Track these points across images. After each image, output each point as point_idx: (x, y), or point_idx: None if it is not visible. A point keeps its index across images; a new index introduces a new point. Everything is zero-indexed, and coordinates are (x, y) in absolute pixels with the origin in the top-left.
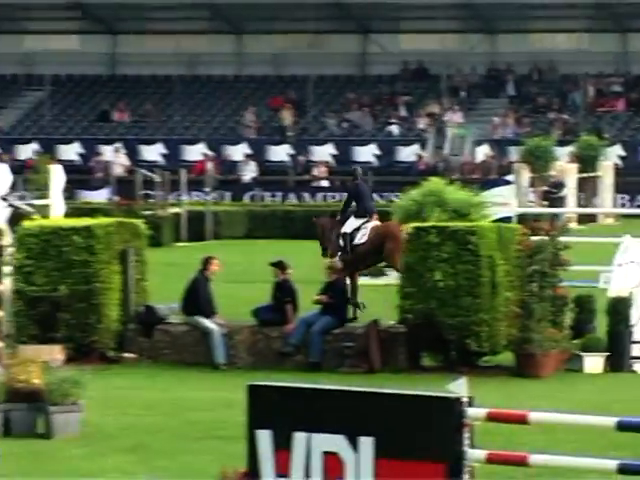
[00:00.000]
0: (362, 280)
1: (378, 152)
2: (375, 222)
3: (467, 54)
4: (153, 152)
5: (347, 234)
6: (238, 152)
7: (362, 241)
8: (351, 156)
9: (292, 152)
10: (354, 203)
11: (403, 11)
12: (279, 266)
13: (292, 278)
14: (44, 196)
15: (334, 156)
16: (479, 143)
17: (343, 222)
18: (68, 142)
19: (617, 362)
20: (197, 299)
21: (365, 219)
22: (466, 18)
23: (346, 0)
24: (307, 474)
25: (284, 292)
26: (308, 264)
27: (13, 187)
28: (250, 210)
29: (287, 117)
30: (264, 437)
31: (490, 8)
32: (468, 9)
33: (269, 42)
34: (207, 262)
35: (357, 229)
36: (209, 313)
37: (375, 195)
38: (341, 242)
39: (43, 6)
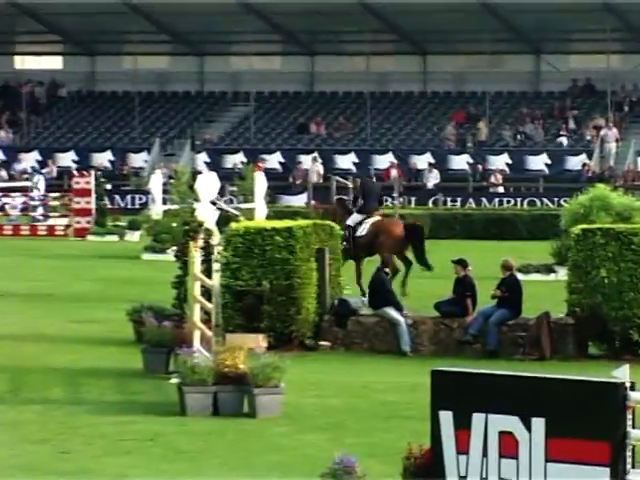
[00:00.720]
0: (533, 276)
1: (549, 161)
2: (376, 218)
3: (631, 72)
4: (346, 161)
5: (350, 227)
6: (422, 161)
7: (362, 234)
8: (524, 165)
9: (471, 161)
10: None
11: (572, 34)
12: (460, 263)
13: (472, 274)
14: (249, 201)
15: (508, 165)
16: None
17: (349, 215)
18: (271, 152)
19: None
20: (384, 293)
21: (367, 215)
22: (629, 40)
23: (520, 24)
24: (485, 452)
25: (465, 287)
26: (486, 262)
27: (221, 193)
28: (433, 213)
29: (483, 129)
30: (446, 417)
31: None
32: (632, 32)
33: (451, 62)
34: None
35: (359, 223)
36: (396, 305)
37: (546, 200)
38: (346, 233)
39: (248, 31)
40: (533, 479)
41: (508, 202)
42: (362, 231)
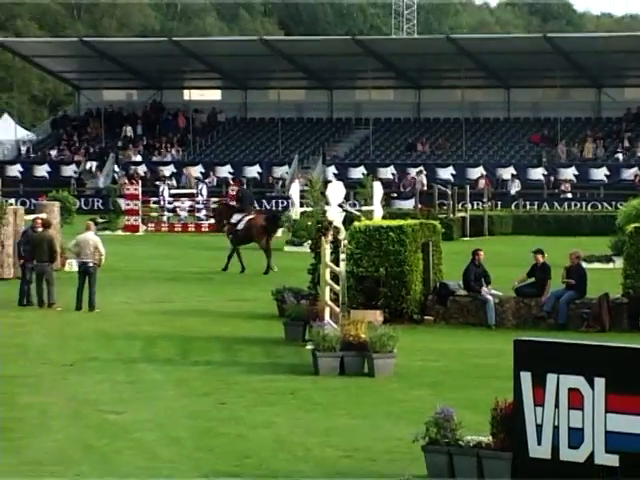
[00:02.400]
0: (595, 265)
1: (608, 173)
2: (251, 216)
3: None
4: (446, 173)
5: (232, 223)
6: (506, 173)
7: (240, 228)
8: (588, 176)
9: (545, 173)
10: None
11: (625, 70)
12: (538, 252)
13: (548, 261)
14: (368, 204)
15: (575, 176)
16: None
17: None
18: (385, 166)
19: None
20: (473, 277)
21: (244, 214)
22: None
23: (584, 63)
24: (556, 404)
25: (542, 272)
26: (557, 253)
27: (346, 198)
28: (515, 215)
29: (561, 148)
30: (526, 377)
31: None
32: None
33: (529, 94)
34: (475, 253)
35: (240, 220)
36: (478, 288)
37: (605, 204)
38: (231, 227)
39: (367, 69)
40: (595, 427)
41: (575, 205)
42: (241, 225)
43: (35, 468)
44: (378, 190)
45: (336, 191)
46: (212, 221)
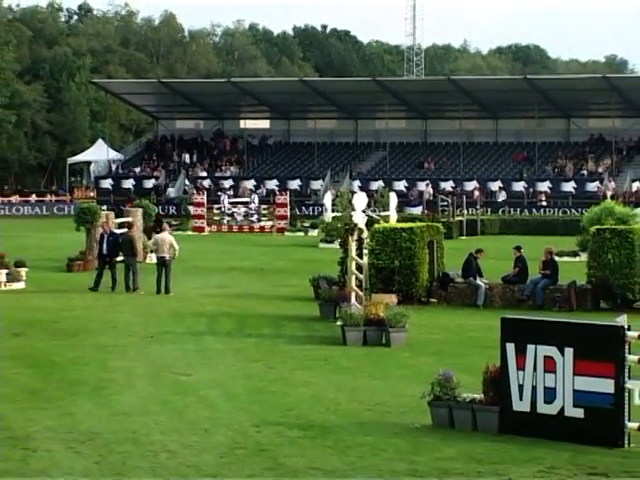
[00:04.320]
0: (565, 258)
1: (575, 186)
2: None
3: (627, 130)
4: (447, 185)
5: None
6: (495, 185)
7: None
8: (559, 188)
9: (525, 185)
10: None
11: (590, 105)
12: (517, 248)
13: (525, 255)
14: (385, 210)
15: (550, 188)
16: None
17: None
18: (399, 180)
19: None
20: (469, 270)
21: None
22: (626, 109)
23: (556, 98)
24: (534, 369)
25: (522, 263)
26: (535, 249)
27: (368, 205)
28: (502, 219)
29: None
30: (510, 347)
31: None
32: (627, 103)
33: (513, 123)
34: (478, 251)
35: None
36: (475, 276)
37: (573, 210)
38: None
39: (385, 103)
40: (565, 387)
41: (549, 211)
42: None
43: (123, 418)
44: (393, 199)
45: (360, 200)
46: (262, 223)
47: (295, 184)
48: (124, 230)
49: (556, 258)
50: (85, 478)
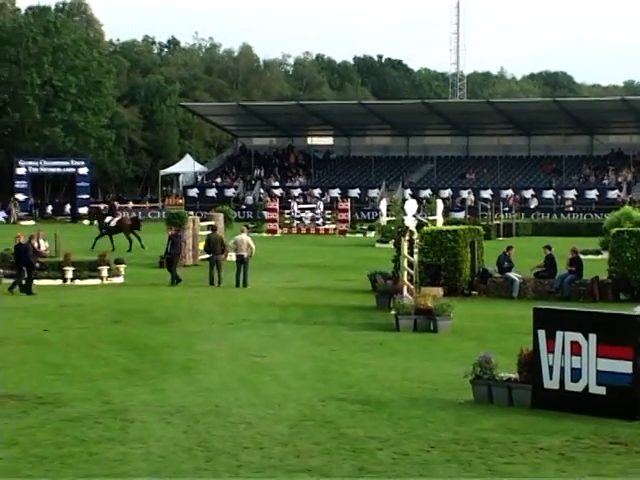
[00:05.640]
0: (589, 256)
1: (598, 194)
2: (118, 217)
3: None
4: (486, 193)
5: (107, 221)
6: (528, 193)
7: (113, 225)
8: (584, 195)
9: (554, 193)
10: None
11: (610, 123)
12: (547, 247)
13: (554, 253)
14: (433, 214)
15: (576, 195)
16: None
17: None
18: (445, 189)
19: None
20: (504, 264)
21: (112, 217)
22: None
23: (581, 117)
24: (562, 352)
25: (551, 261)
26: (562, 249)
27: (418, 210)
28: (534, 222)
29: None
30: (541, 333)
31: None
32: None
33: (544, 139)
34: (509, 248)
35: (111, 220)
36: (509, 269)
37: (597, 215)
38: (104, 224)
39: (433, 122)
40: (589, 367)
41: (575, 216)
42: (112, 223)
43: (207, 393)
44: (439, 205)
45: (411, 206)
46: (326, 226)
47: (355, 192)
48: (207, 232)
49: (581, 256)
50: (175, 445)
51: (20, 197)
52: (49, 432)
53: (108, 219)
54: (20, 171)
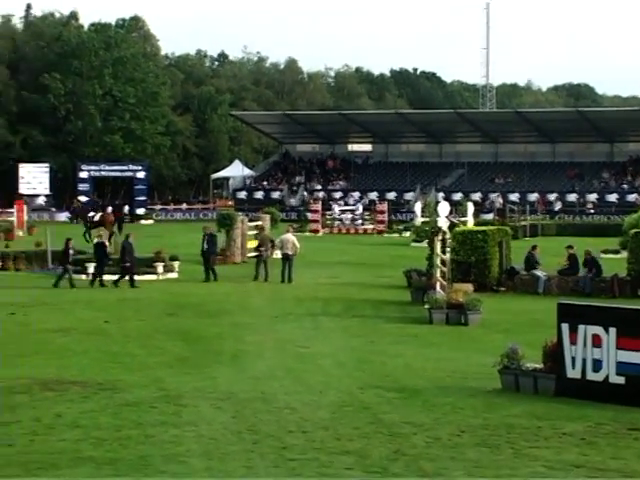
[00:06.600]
0: (609, 255)
1: (617, 196)
2: (100, 213)
3: None
4: (514, 196)
5: (90, 216)
6: (553, 196)
7: (96, 219)
8: (605, 198)
9: (577, 196)
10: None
11: (628, 131)
12: (569, 247)
13: (576, 253)
14: (464, 216)
15: (597, 199)
16: None
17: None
18: (475, 192)
19: None
20: (532, 263)
21: (95, 213)
22: None
23: (601, 126)
24: (584, 344)
25: (573, 259)
26: (583, 247)
27: (450, 212)
28: (558, 223)
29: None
30: (565, 327)
31: None
32: None
33: (567, 146)
34: (534, 247)
35: (94, 215)
36: (535, 267)
37: (616, 216)
38: (88, 218)
39: (464, 130)
40: (610, 359)
41: (597, 217)
42: (96, 217)
43: (255, 381)
44: (470, 207)
45: (444, 208)
46: (365, 226)
47: (391, 195)
48: (255, 231)
49: (602, 255)
50: (224, 429)
51: (82, 199)
52: (109, 416)
53: (91, 214)
54: (83, 175)
